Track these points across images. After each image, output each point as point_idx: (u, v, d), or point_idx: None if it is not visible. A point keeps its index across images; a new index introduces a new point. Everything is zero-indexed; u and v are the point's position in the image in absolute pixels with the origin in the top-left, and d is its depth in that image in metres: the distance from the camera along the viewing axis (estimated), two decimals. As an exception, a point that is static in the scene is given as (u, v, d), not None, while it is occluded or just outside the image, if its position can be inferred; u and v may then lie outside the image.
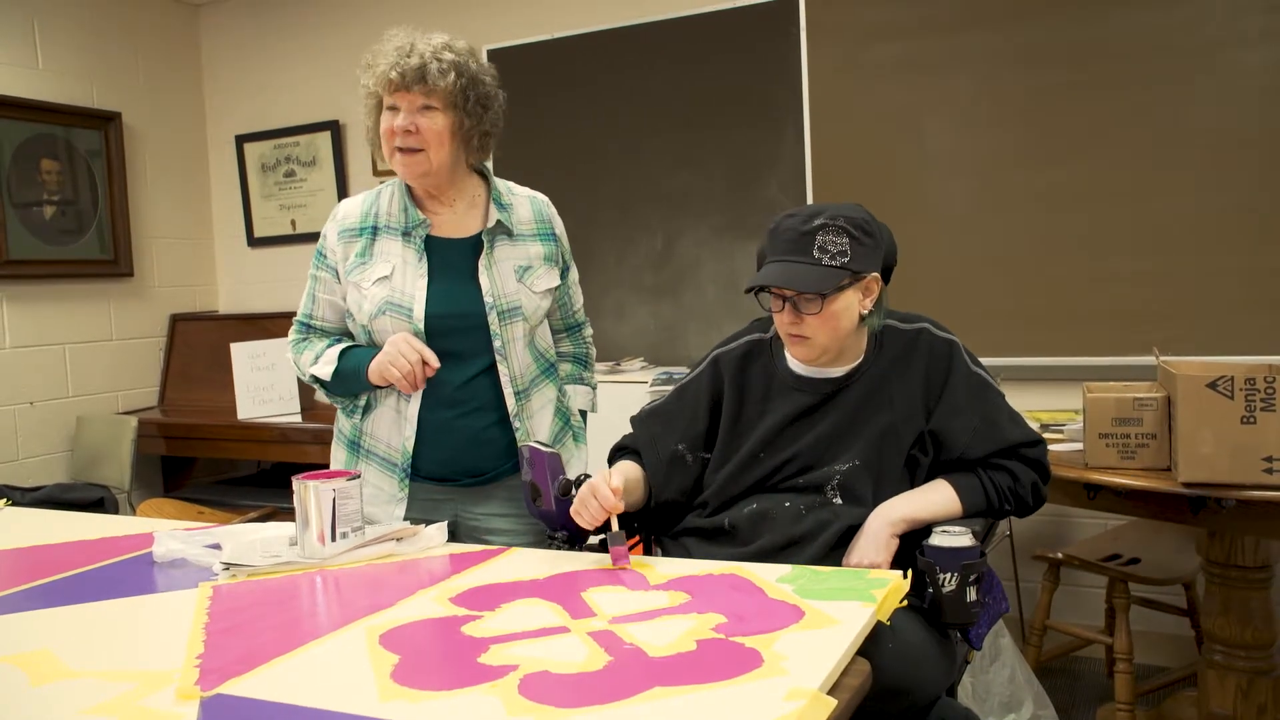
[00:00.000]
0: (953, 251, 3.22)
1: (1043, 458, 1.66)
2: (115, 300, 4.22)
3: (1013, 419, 1.66)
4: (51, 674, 1.13)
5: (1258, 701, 2.29)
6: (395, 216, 1.85)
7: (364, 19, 4.18)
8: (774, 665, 1.05)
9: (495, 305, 1.82)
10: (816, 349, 1.63)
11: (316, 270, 1.91)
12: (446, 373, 1.81)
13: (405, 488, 1.85)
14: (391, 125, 1.77)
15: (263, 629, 1.25)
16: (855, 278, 1.59)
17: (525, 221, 1.91)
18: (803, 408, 1.67)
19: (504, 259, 1.86)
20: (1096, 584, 3.02)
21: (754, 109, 3.49)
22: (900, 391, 1.65)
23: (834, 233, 1.57)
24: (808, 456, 1.65)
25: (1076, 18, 3.03)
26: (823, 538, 1.58)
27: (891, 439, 1.63)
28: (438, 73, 1.73)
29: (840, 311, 1.59)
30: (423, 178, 1.80)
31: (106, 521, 1.92)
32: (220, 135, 4.60)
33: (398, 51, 1.75)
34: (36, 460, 3.93)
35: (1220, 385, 1.93)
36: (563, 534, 1.80)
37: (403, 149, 1.77)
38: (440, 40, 1.78)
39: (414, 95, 1.74)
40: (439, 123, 1.76)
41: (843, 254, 1.57)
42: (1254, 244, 2.87)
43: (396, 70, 1.73)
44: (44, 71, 3.95)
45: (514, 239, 1.88)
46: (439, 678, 1.06)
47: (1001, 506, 1.63)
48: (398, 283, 1.81)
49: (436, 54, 1.74)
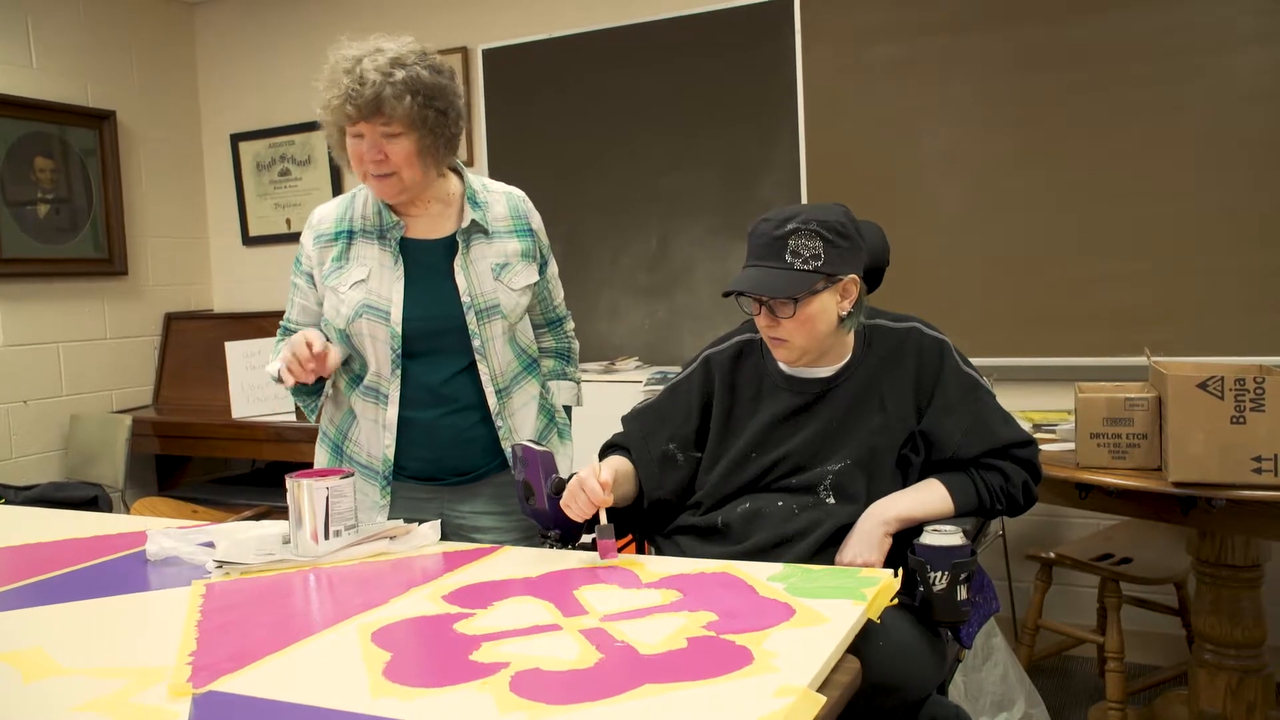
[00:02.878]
0: (946, 252, 3.23)
1: (1034, 458, 1.67)
2: (110, 299, 4.22)
3: (1004, 419, 1.67)
4: (44, 671, 1.13)
5: (1247, 700, 2.30)
6: (370, 219, 1.85)
7: (359, 18, 4.18)
8: (764, 663, 1.06)
9: (473, 304, 1.82)
10: (796, 351, 1.64)
11: (295, 277, 1.93)
12: (427, 373, 1.82)
13: (386, 495, 1.85)
14: (359, 152, 1.74)
15: (255, 626, 1.25)
16: (830, 280, 1.60)
17: (501, 218, 1.90)
18: (793, 407, 1.68)
19: (480, 258, 1.85)
20: (1088, 583, 3.03)
21: (749, 110, 3.50)
22: (891, 391, 1.66)
23: (806, 236, 1.58)
24: (799, 456, 1.66)
25: (1070, 20, 3.04)
26: (814, 535, 1.59)
27: (883, 438, 1.64)
28: (393, 98, 1.68)
29: (815, 314, 1.60)
30: (400, 195, 1.80)
31: (100, 520, 1.92)
32: (215, 134, 4.60)
33: (349, 77, 1.69)
34: (30, 459, 3.92)
35: (1210, 386, 1.94)
36: (555, 533, 1.80)
37: (375, 175, 1.76)
38: (388, 55, 1.72)
39: (374, 124, 1.71)
40: (405, 146, 1.73)
41: (816, 257, 1.58)
42: (1245, 245, 2.88)
43: (351, 104, 1.68)
44: (38, 70, 3.94)
45: (490, 236, 1.87)
46: (431, 675, 1.07)
47: (993, 506, 1.63)
48: (374, 286, 1.81)
49: (388, 76, 1.69)
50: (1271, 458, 1.92)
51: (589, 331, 3.81)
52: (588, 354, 3.74)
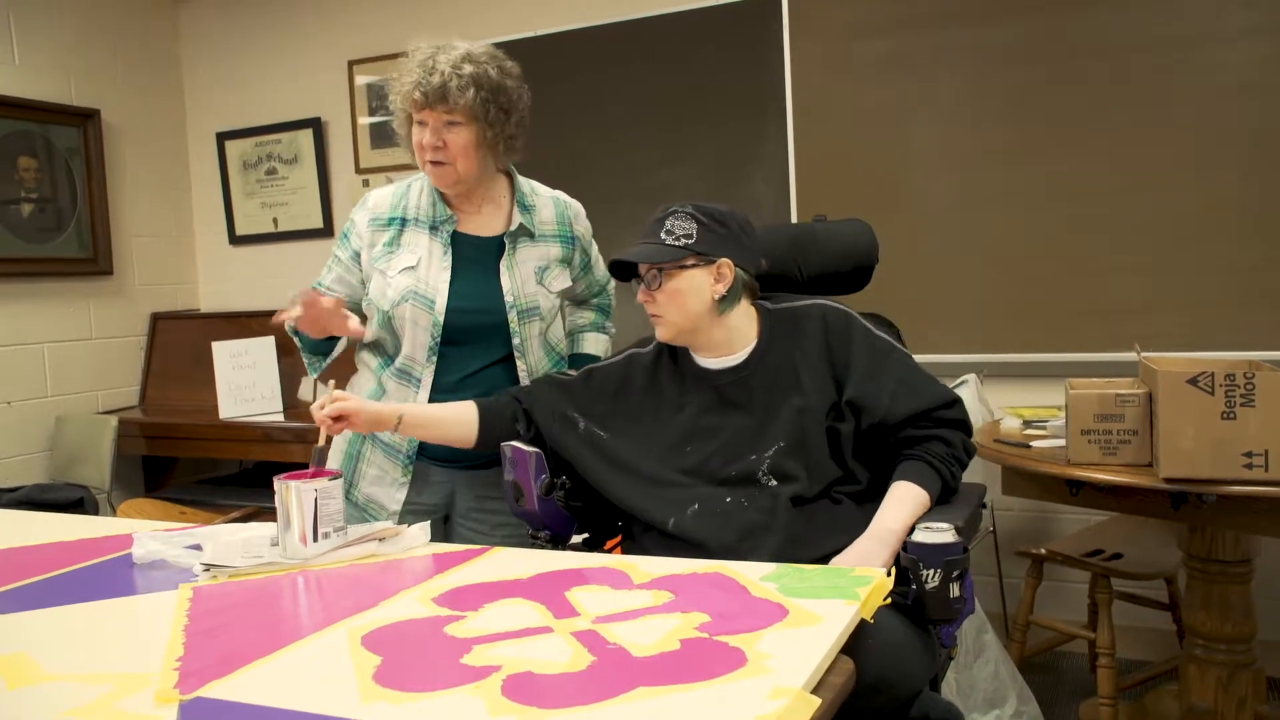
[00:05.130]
0: (935, 248, 3.23)
1: (963, 414, 1.72)
2: (95, 299, 4.19)
3: (926, 378, 1.72)
4: (28, 677, 1.11)
5: (1238, 695, 2.31)
6: (424, 210, 1.94)
7: (345, 16, 4.16)
8: (757, 664, 1.05)
9: (515, 304, 1.94)
10: (670, 327, 1.72)
11: (338, 250, 2.01)
12: (461, 363, 1.92)
13: (409, 474, 1.95)
14: (421, 140, 1.86)
15: (243, 631, 1.24)
16: (702, 259, 1.68)
17: (547, 222, 2.02)
18: (716, 399, 1.73)
19: (525, 260, 1.97)
20: (1079, 579, 3.04)
21: (737, 105, 3.49)
22: (805, 367, 1.70)
23: (681, 218, 1.70)
24: (733, 446, 1.69)
25: (1058, 14, 3.04)
26: (780, 521, 1.62)
27: (808, 417, 1.67)
28: (458, 90, 1.80)
29: (685, 290, 1.68)
30: (454, 185, 1.90)
31: (86, 523, 1.90)
32: (201, 132, 4.56)
33: (421, 68, 1.82)
34: (15, 460, 3.89)
35: (1201, 381, 1.95)
36: (546, 534, 1.79)
37: (433, 161, 1.86)
38: (460, 52, 1.84)
39: (438, 112, 1.82)
40: (464, 136, 1.84)
41: (688, 236, 1.68)
42: (1235, 240, 2.89)
43: (420, 90, 1.81)
44: (21, 67, 3.90)
45: (535, 240, 1.99)
46: (421, 679, 1.06)
47: (953, 477, 1.68)
48: (423, 274, 1.90)
49: (457, 68, 1.81)
50: (1262, 453, 1.92)
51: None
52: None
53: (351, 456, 2.00)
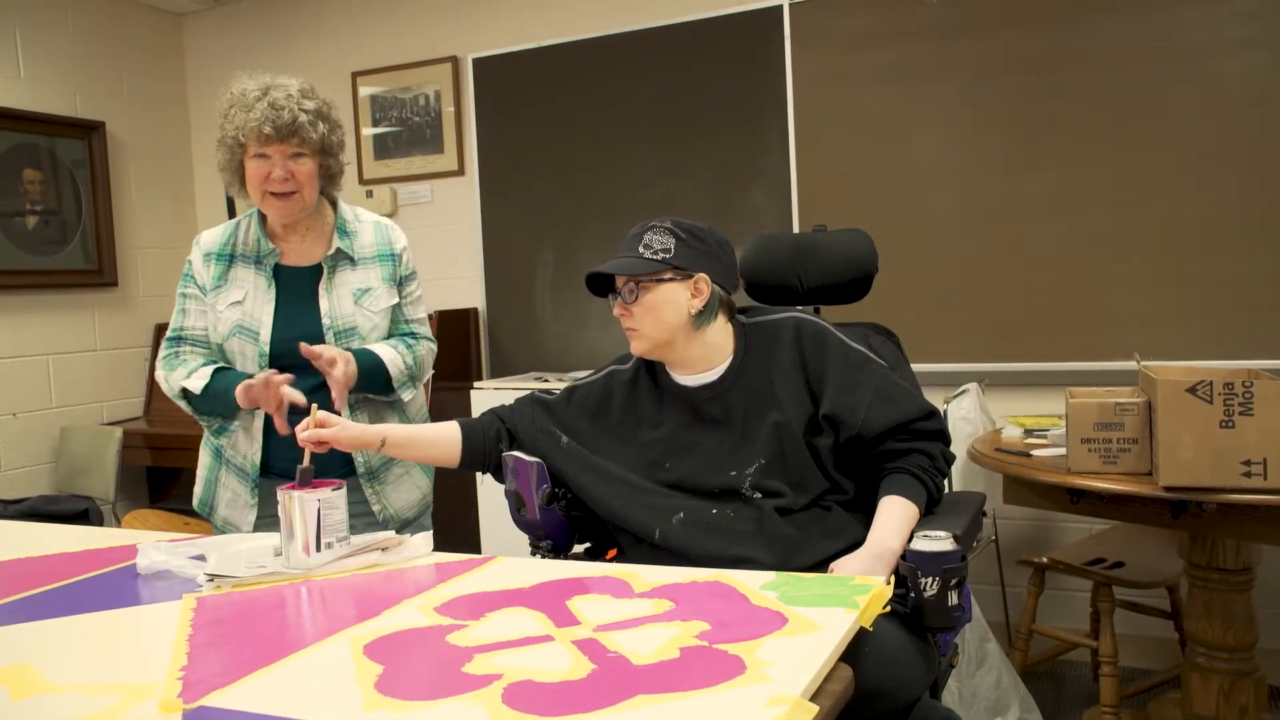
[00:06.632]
0: (935, 257, 3.24)
1: (942, 426, 1.72)
2: (99, 310, 4.21)
3: (904, 391, 1.71)
4: (33, 688, 1.12)
5: (1240, 703, 2.31)
6: (250, 246, 2.04)
7: (348, 28, 4.18)
8: (757, 672, 1.06)
9: (332, 326, 2.01)
10: (646, 340, 1.71)
11: (185, 288, 2.08)
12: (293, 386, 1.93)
13: (255, 496, 2.05)
14: (265, 172, 1.94)
15: (247, 640, 1.25)
16: (680, 274, 1.68)
17: (367, 246, 2.08)
18: (692, 416, 1.73)
19: (344, 283, 2.04)
20: (1081, 588, 3.04)
21: (739, 117, 3.51)
22: (781, 382, 1.70)
23: (660, 233, 1.71)
24: (713, 463, 1.69)
25: (1058, 26, 3.06)
26: (769, 531, 1.62)
27: (786, 433, 1.67)
28: (309, 124, 1.92)
29: (661, 303, 1.68)
30: (298, 215, 1.99)
31: (90, 534, 1.91)
32: (204, 144, 4.59)
33: (265, 104, 1.90)
34: (20, 472, 3.91)
35: (1200, 390, 1.95)
36: (547, 543, 1.80)
37: (277, 193, 1.95)
38: (295, 87, 1.95)
39: (289, 145, 1.92)
40: (307, 166, 1.96)
41: (665, 250, 1.69)
42: (1234, 249, 2.90)
43: (270, 125, 1.90)
44: (26, 81, 3.93)
45: (355, 264, 2.05)
46: (423, 687, 1.06)
47: (938, 488, 1.68)
48: (249, 307, 2.00)
49: (299, 105, 1.92)
50: (1261, 461, 1.93)
51: (579, 340, 3.81)
52: (579, 363, 3.75)
53: (210, 482, 2.10)
